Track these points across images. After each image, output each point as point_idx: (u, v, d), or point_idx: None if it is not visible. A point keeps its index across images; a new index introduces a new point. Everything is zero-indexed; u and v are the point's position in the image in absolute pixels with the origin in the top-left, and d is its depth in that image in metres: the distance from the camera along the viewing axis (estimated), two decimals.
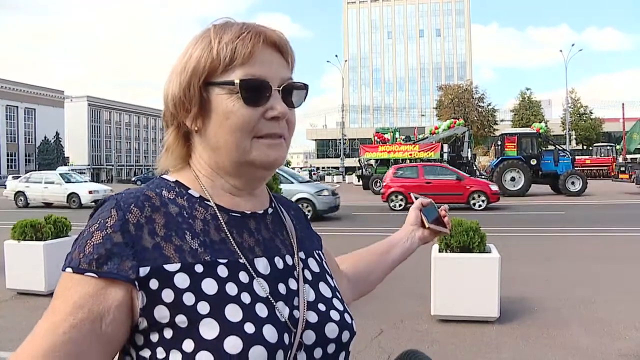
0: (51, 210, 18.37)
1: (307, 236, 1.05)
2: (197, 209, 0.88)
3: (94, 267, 0.76)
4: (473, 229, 5.33)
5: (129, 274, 0.77)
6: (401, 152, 29.40)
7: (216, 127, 0.86)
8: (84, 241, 0.78)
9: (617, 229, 12.33)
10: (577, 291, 6.52)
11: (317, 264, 0.99)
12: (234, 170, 0.90)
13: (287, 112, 0.87)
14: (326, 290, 0.95)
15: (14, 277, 6.67)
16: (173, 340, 0.77)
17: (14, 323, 5.47)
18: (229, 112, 0.85)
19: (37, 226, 6.66)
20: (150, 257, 0.79)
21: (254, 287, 0.84)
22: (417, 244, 1.33)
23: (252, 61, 0.85)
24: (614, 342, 4.70)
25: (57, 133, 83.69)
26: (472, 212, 16.23)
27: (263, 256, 0.89)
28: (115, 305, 0.77)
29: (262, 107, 0.85)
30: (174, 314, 0.77)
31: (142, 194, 0.85)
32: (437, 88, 77.74)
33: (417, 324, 5.23)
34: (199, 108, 0.87)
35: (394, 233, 1.36)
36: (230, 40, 0.85)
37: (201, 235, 0.85)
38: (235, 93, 0.84)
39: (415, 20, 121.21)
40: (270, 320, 0.81)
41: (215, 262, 0.82)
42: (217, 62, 0.84)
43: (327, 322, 0.88)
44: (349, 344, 0.91)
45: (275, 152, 0.88)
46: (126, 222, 0.80)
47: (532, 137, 25.77)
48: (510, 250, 8.51)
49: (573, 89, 67.13)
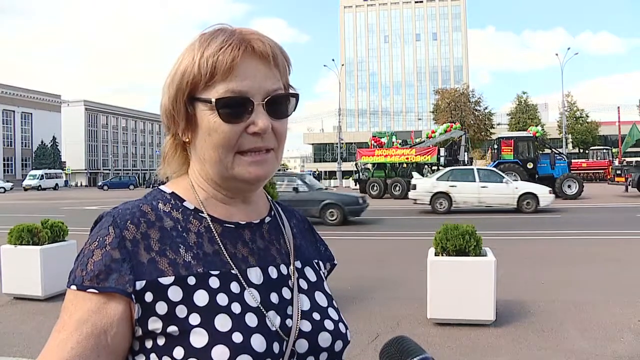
0: (48, 214, 18.23)
1: (309, 245, 1.06)
2: (191, 221, 0.90)
3: (95, 283, 0.80)
4: (469, 232, 5.35)
5: (127, 287, 0.81)
6: (398, 156, 29.40)
7: (201, 141, 0.88)
8: (85, 259, 0.82)
9: (612, 231, 12.37)
10: (573, 294, 6.54)
11: (314, 272, 1.00)
12: (221, 182, 0.91)
13: (268, 127, 0.86)
14: (322, 299, 0.96)
15: (10, 282, 6.65)
16: (165, 347, 0.81)
17: (11, 328, 5.46)
18: (210, 128, 0.86)
19: (33, 231, 6.66)
20: (146, 271, 0.82)
21: (245, 297, 0.85)
22: None
23: (233, 75, 0.84)
24: (610, 344, 4.72)
25: (54, 137, 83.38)
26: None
27: (256, 266, 0.90)
28: (117, 319, 0.81)
29: (243, 122, 0.85)
30: (167, 325, 0.81)
31: (138, 209, 0.88)
32: (434, 92, 77.94)
33: (413, 328, 5.24)
34: (186, 122, 0.89)
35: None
36: (211, 53, 0.84)
37: (195, 248, 0.87)
38: (215, 110, 0.85)
39: (412, 24, 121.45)
40: (259, 330, 0.83)
41: (208, 274, 0.85)
42: (199, 77, 0.85)
43: (320, 331, 0.90)
44: (341, 353, 0.93)
45: (257, 169, 0.88)
46: (123, 239, 0.83)
47: (528, 141, 25.85)
48: (506, 254, 8.54)
49: (569, 93, 67.70)
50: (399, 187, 27.73)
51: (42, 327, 5.37)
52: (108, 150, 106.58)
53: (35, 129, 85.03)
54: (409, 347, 1.00)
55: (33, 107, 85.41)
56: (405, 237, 12.53)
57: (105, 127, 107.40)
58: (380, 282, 7.17)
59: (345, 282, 6.78)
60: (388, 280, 7.22)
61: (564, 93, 59.34)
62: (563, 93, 58.78)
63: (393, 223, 16.11)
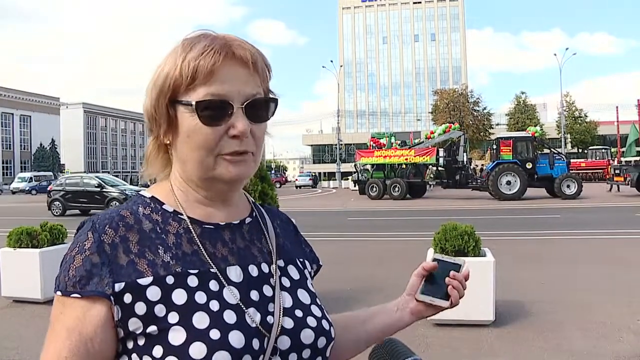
0: (46, 217, 18.28)
1: (293, 245, 1.07)
2: (170, 223, 0.92)
3: (78, 289, 0.83)
4: (468, 233, 5.35)
5: (106, 289, 0.83)
6: (397, 157, 29.35)
7: (182, 143, 0.90)
8: (67, 265, 0.86)
9: (611, 231, 12.38)
10: (573, 294, 6.54)
11: (297, 271, 1.01)
12: (201, 183, 0.93)
13: (248, 130, 0.88)
14: (305, 296, 0.97)
15: (9, 285, 6.65)
16: (145, 347, 0.83)
17: (10, 331, 5.46)
18: (191, 130, 0.87)
19: (32, 234, 6.65)
20: (125, 273, 0.84)
21: (224, 294, 0.87)
22: (409, 318, 1.10)
23: (213, 79, 0.86)
24: (610, 344, 4.72)
25: (53, 140, 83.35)
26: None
27: (236, 264, 0.91)
28: (101, 325, 0.83)
29: (223, 125, 0.87)
30: (146, 325, 0.83)
31: (117, 214, 0.90)
32: (433, 92, 77.92)
33: (412, 329, 5.19)
34: (167, 124, 0.90)
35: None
36: (193, 57, 0.86)
37: (173, 249, 0.89)
38: (195, 112, 0.87)
39: (410, 24, 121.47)
40: (238, 327, 0.84)
41: (186, 273, 0.86)
42: (180, 80, 0.87)
43: (303, 328, 0.90)
44: (325, 350, 0.93)
45: (238, 168, 0.90)
46: (101, 243, 0.85)
47: (527, 141, 25.84)
48: (506, 254, 8.54)
49: (568, 93, 67.53)
50: (398, 188, 27.73)
51: (41, 330, 5.31)
52: (107, 152, 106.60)
53: (34, 132, 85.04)
54: (398, 350, 1.01)
55: (32, 109, 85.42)
56: (405, 238, 12.53)
57: (104, 130, 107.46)
58: (380, 283, 7.14)
59: (345, 283, 6.79)
60: (387, 281, 7.20)
61: (563, 93, 59.42)
62: (562, 93, 58.90)
63: (392, 224, 16.12)
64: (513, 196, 23.87)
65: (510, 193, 24.16)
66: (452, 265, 1.10)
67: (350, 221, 15.18)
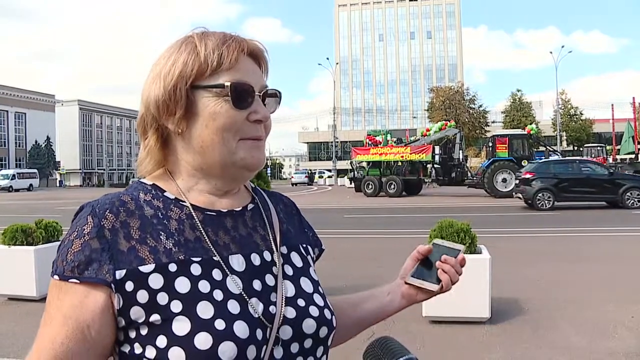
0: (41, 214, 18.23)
1: (296, 230, 1.07)
2: (172, 209, 0.91)
3: (76, 274, 0.81)
4: (464, 230, 5.35)
5: (106, 277, 0.81)
6: (393, 154, 29.38)
7: (202, 127, 0.89)
8: (65, 249, 0.83)
9: (607, 229, 12.45)
10: (567, 291, 6.57)
11: (300, 258, 1.00)
12: (219, 171, 0.92)
13: (269, 116, 0.92)
14: (307, 285, 0.96)
15: (4, 282, 6.61)
16: (148, 336, 0.82)
17: (5, 329, 5.43)
18: (215, 113, 0.88)
19: (27, 231, 6.62)
20: (126, 260, 0.82)
21: (227, 284, 0.86)
22: (400, 302, 1.10)
23: (237, 67, 0.89)
24: (604, 341, 4.74)
25: (48, 137, 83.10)
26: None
27: (239, 253, 0.91)
28: (98, 313, 0.81)
29: (246, 110, 0.89)
30: (149, 314, 0.81)
31: (117, 199, 0.89)
32: (429, 90, 77.98)
33: (408, 325, 5.24)
34: (184, 110, 0.89)
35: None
36: (216, 46, 0.88)
37: (176, 235, 0.87)
38: (223, 96, 0.88)
39: (406, 22, 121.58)
40: (241, 317, 0.83)
41: (189, 261, 0.85)
42: (205, 66, 0.88)
43: (305, 318, 0.90)
44: (327, 339, 0.93)
45: (259, 153, 0.92)
46: (102, 228, 0.84)
47: (523, 139, 25.92)
48: (501, 251, 8.55)
49: (563, 90, 67.37)
50: (394, 186, 27.79)
51: (37, 327, 5.31)
52: (102, 149, 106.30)
53: (29, 129, 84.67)
54: (393, 348, 1.00)
55: (27, 107, 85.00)
56: (400, 235, 12.54)
57: (100, 127, 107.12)
58: (375, 280, 7.08)
59: (341, 280, 6.79)
60: (383, 278, 7.14)
61: (558, 91, 59.49)
62: (557, 91, 58.96)
63: (388, 221, 16.13)
64: (508, 193, 23.90)
65: (505, 190, 24.21)
66: (448, 250, 1.09)
67: (346, 218, 15.18)
